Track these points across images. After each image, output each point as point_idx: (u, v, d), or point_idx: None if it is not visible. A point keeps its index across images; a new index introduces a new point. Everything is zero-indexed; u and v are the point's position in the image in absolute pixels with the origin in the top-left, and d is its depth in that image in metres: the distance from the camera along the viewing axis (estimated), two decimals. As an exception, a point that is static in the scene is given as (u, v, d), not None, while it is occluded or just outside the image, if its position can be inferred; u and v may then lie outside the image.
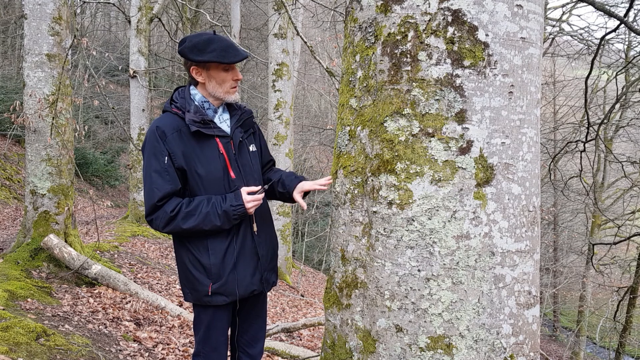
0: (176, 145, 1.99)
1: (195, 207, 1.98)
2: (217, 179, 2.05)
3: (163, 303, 4.80)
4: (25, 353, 2.80)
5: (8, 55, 17.53)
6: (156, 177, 1.98)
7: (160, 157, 1.98)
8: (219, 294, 2.06)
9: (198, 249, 2.06)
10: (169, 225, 1.98)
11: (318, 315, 6.80)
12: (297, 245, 17.51)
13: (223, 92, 2.09)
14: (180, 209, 1.98)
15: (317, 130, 18.46)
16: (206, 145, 2.04)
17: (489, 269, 1.32)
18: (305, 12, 13.13)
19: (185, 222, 1.97)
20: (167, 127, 2.00)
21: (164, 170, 1.98)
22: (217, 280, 2.05)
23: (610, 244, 6.18)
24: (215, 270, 2.04)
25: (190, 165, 2.01)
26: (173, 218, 1.97)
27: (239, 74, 2.11)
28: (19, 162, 13.34)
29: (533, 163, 1.39)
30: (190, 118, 2.01)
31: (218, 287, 2.05)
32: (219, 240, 2.05)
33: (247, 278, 2.11)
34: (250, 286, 2.13)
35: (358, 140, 1.47)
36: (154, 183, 1.98)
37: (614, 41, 12.46)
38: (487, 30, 1.29)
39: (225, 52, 2.02)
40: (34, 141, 4.84)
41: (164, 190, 1.97)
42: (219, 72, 2.06)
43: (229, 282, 2.06)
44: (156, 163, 1.98)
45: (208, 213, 1.97)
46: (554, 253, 18.48)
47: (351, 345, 1.49)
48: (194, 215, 1.97)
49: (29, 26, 4.79)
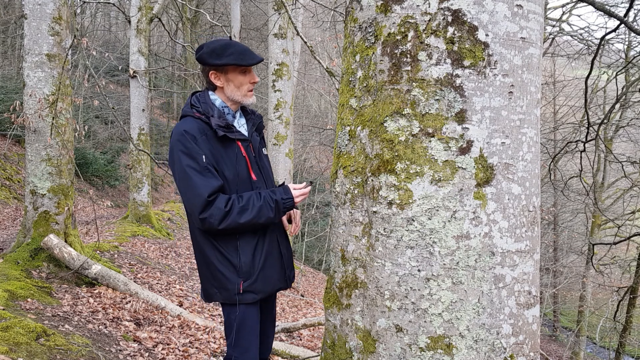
0: (206, 147, 2.03)
1: (247, 201, 2.03)
2: (241, 181, 2.11)
3: (163, 303, 4.80)
4: (25, 353, 2.80)
5: (8, 55, 17.53)
6: (198, 177, 1.99)
7: (198, 157, 2.00)
8: (250, 292, 2.12)
9: (227, 248, 2.09)
10: (225, 220, 1.99)
11: (318, 315, 6.80)
12: (297, 245, 17.50)
13: (241, 95, 2.16)
14: (234, 204, 2.00)
15: (317, 130, 18.46)
16: (230, 148, 2.11)
17: (489, 269, 1.32)
18: (305, 12, 13.13)
19: (241, 216, 2.00)
20: (194, 130, 2.04)
21: (205, 168, 2.00)
22: (247, 278, 2.10)
23: (610, 244, 6.18)
24: (246, 268, 2.10)
25: (218, 167, 2.06)
26: (228, 213, 1.99)
27: (255, 77, 2.18)
28: (19, 162, 13.34)
29: (533, 163, 1.39)
30: (216, 123, 2.07)
31: (249, 285, 2.11)
32: (248, 239, 2.11)
33: (274, 275, 2.19)
34: (277, 283, 2.21)
35: (358, 140, 1.47)
36: (198, 182, 1.98)
37: (614, 41, 12.46)
38: (487, 30, 1.29)
39: (243, 55, 2.09)
40: (34, 141, 4.84)
41: (212, 186, 1.98)
42: (237, 75, 2.13)
43: (259, 279, 2.12)
44: (195, 163, 2.00)
45: (262, 206, 2.03)
46: (554, 253, 18.48)
47: (351, 345, 1.49)
48: (248, 209, 2.01)
49: (29, 26, 4.79)
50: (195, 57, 2.15)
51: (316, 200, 18.97)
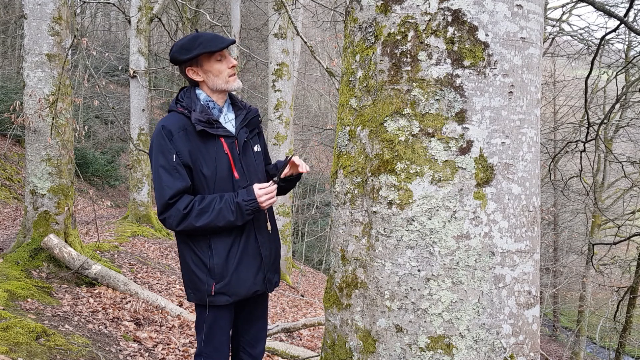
0: (182, 144, 1.99)
1: (208, 204, 1.98)
2: (221, 179, 2.05)
3: (163, 303, 4.80)
4: (25, 353, 2.80)
5: (8, 55, 17.53)
6: (166, 176, 1.98)
7: (169, 155, 1.98)
8: (222, 294, 2.06)
9: (201, 249, 2.05)
10: (182, 223, 1.97)
11: (318, 315, 6.80)
12: (297, 245, 17.50)
13: (223, 82, 2.09)
14: (193, 206, 1.97)
15: (317, 130, 18.46)
16: (211, 145, 2.04)
17: (489, 269, 1.32)
18: (305, 12, 13.13)
19: (198, 219, 1.96)
20: (173, 126, 2.01)
21: (173, 168, 1.98)
22: (220, 280, 2.04)
23: (610, 244, 6.18)
24: (218, 270, 2.04)
25: (195, 164, 2.02)
26: (186, 215, 1.96)
27: (232, 60, 2.10)
28: (19, 162, 13.34)
29: (533, 163, 1.39)
30: (195, 117, 2.02)
31: (221, 287, 2.05)
32: (222, 240, 2.04)
33: (250, 278, 2.10)
34: (253, 286, 2.12)
35: (358, 140, 1.47)
36: (164, 181, 1.98)
37: (614, 41, 12.46)
38: (487, 30, 1.29)
39: (211, 41, 2.04)
40: (34, 141, 4.84)
41: (175, 187, 1.97)
42: (212, 64, 2.07)
43: (232, 282, 2.06)
44: (165, 161, 1.98)
45: (221, 209, 1.97)
46: (554, 253, 18.48)
47: (351, 345, 1.49)
48: (207, 212, 1.97)
49: (29, 26, 4.79)
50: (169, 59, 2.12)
51: (316, 200, 18.98)
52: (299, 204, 18.98)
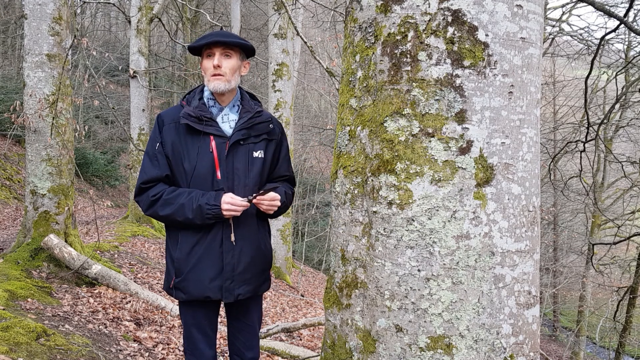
0: (169, 135, 2.05)
1: (175, 196, 2.02)
2: (202, 175, 2.04)
3: (163, 303, 4.80)
4: (25, 353, 2.80)
5: (8, 55, 17.53)
6: (147, 161, 2.07)
7: (154, 143, 2.08)
8: (178, 290, 2.09)
9: (172, 241, 2.13)
10: (150, 209, 2.06)
11: (318, 315, 6.80)
12: (297, 245, 17.50)
13: (207, 80, 2.07)
14: (162, 195, 2.03)
15: (317, 130, 18.46)
16: (197, 141, 2.05)
17: (489, 269, 1.32)
18: (305, 12, 13.13)
19: (162, 209, 2.03)
20: (167, 117, 2.09)
21: (154, 156, 2.06)
22: (178, 275, 2.08)
23: (610, 244, 6.18)
24: (177, 265, 2.08)
25: (176, 157, 2.05)
26: (153, 203, 2.04)
27: (216, 59, 2.02)
28: (19, 162, 13.34)
29: (533, 163, 1.39)
30: (185, 111, 2.03)
31: (178, 282, 2.09)
32: (188, 237, 2.07)
33: (203, 281, 2.05)
34: (205, 290, 2.06)
35: (358, 140, 1.47)
36: (144, 166, 2.08)
37: (613, 41, 12.47)
38: (487, 31, 1.29)
39: (203, 38, 2.05)
40: (34, 141, 4.84)
41: (150, 174, 2.05)
42: (203, 60, 2.10)
43: (187, 279, 2.06)
44: (151, 148, 2.08)
45: (183, 205, 1.99)
46: (554, 253, 18.48)
47: (351, 345, 1.49)
48: (172, 204, 2.01)
49: (29, 26, 4.79)
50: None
51: (316, 200, 18.97)
52: (299, 204, 18.99)
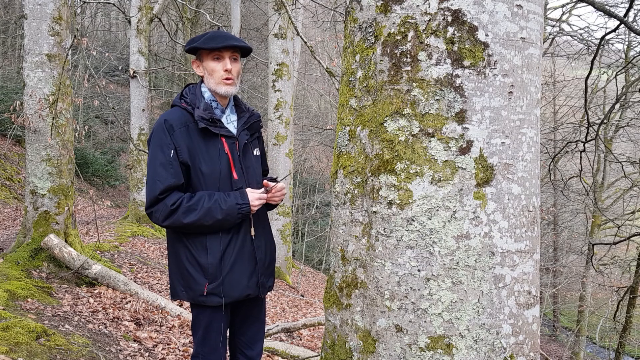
0: (182, 139, 1.98)
1: (196, 201, 1.96)
2: (219, 178, 2.04)
3: (163, 303, 4.80)
4: (25, 353, 2.80)
5: (8, 55, 17.53)
6: (160, 170, 1.96)
7: (167, 150, 1.97)
8: (214, 295, 2.04)
9: (196, 247, 2.04)
10: (169, 218, 1.96)
11: (318, 315, 6.80)
12: (297, 245, 17.50)
13: (215, 83, 2.07)
14: (182, 202, 1.96)
15: (317, 130, 18.47)
16: (212, 143, 2.04)
17: (489, 269, 1.32)
18: (305, 12, 13.13)
19: (186, 216, 1.95)
20: (175, 121, 2.00)
21: (169, 163, 1.97)
22: (213, 280, 2.03)
23: (610, 244, 6.18)
24: (212, 270, 2.03)
25: (194, 161, 2.01)
26: (174, 212, 1.95)
27: (228, 64, 2.05)
28: (19, 162, 13.34)
29: (533, 163, 1.39)
30: (199, 114, 2.01)
31: (213, 288, 2.03)
32: (217, 241, 2.03)
33: (243, 281, 2.09)
34: (246, 289, 2.10)
35: (358, 140, 1.47)
36: (157, 175, 1.96)
37: (613, 41, 12.46)
38: (487, 31, 1.29)
39: (211, 39, 2.03)
40: (34, 141, 4.84)
41: (167, 182, 1.95)
42: (209, 62, 2.06)
43: (225, 283, 2.04)
44: (162, 155, 1.97)
45: (210, 208, 1.95)
46: (554, 253, 18.48)
47: (351, 345, 1.49)
48: (196, 210, 1.95)
49: (29, 26, 4.79)
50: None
51: (316, 200, 18.98)
52: (299, 204, 18.98)
